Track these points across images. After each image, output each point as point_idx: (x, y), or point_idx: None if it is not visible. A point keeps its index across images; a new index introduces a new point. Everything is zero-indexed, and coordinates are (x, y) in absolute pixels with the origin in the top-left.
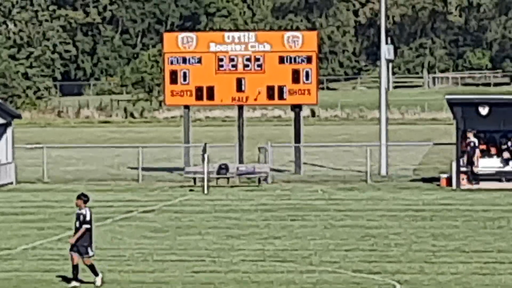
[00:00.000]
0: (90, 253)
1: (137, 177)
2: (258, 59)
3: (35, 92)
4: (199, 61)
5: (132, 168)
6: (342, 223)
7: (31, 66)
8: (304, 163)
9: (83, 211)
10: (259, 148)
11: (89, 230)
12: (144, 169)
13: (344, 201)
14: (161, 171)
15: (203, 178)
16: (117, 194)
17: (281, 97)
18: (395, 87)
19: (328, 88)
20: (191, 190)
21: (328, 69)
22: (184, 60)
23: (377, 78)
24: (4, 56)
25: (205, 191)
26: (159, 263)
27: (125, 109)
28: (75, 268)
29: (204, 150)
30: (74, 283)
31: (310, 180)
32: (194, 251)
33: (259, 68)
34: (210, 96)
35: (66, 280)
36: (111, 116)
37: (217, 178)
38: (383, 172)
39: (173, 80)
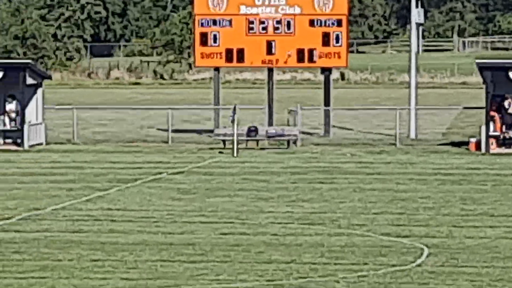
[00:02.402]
0: None
1: (167, 138)
2: (288, 22)
3: (65, 53)
4: (230, 23)
5: (161, 129)
6: (370, 186)
7: (60, 27)
8: (333, 126)
9: None
10: (288, 111)
11: None
12: (173, 130)
13: (373, 164)
14: (191, 133)
15: (232, 140)
16: (146, 156)
17: (311, 60)
18: (425, 51)
19: (357, 52)
20: (220, 152)
21: (358, 32)
22: (215, 22)
23: (407, 41)
24: (35, 16)
25: (235, 154)
26: (188, 224)
27: (154, 71)
28: None
29: (234, 112)
30: None
31: (339, 143)
32: (222, 213)
33: (289, 31)
34: (240, 58)
35: None
36: (141, 78)
37: (247, 141)
38: (412, 135)
39: (203, 42)
